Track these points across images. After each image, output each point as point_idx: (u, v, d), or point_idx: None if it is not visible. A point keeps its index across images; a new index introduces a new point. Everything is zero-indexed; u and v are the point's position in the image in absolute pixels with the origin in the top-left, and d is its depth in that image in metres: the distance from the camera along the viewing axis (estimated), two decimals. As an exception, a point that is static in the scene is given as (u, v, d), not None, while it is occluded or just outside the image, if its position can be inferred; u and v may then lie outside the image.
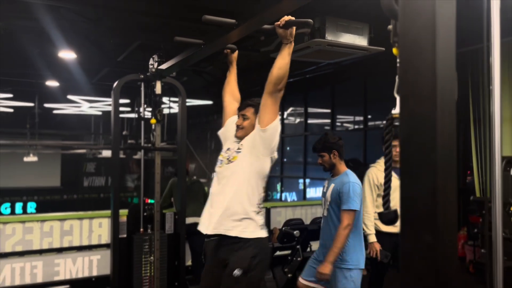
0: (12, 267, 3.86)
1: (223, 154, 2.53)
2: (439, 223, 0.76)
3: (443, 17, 0.78)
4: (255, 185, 2.37)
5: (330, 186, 3.08)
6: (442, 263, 0.76)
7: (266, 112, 2.25)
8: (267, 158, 2.37)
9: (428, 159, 0.78)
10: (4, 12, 4.27)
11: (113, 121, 3.39)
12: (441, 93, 0.77)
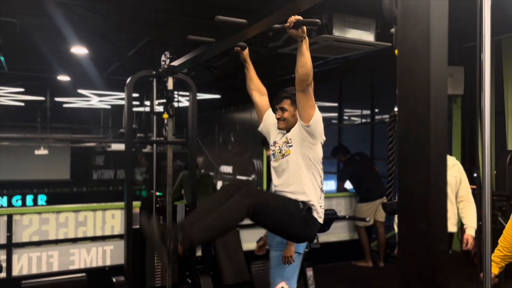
0: (29, 256, 4.01)
1: (272, 148, 2.63)
2: (431, 211, 0.86)
3: (437, 27, 0.87)
4: (315, 171, 2.50)
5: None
6: (434, 247, 0.86)
7: (304, 108, 2.35)
8: (318, 144, 2.49)
9: (422, 153, 0.87)
10: (18, 10, 4.39)
11: (126, 116, 3.50)
12: (434, 95, 0.87)
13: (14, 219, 3.94)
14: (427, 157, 0.86)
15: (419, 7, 0.88)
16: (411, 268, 0.89)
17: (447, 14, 0.89)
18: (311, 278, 3.89)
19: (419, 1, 0.88)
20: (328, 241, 5.44)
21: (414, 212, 0.89)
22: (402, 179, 0.93)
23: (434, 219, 0.86)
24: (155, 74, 3.51)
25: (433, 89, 0.86)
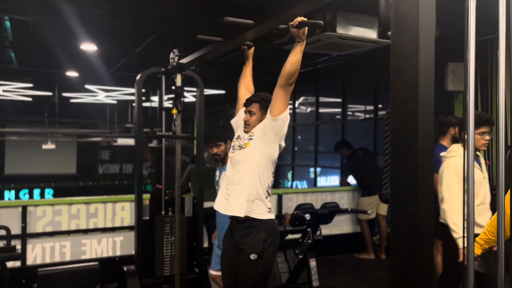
0: (43, 246, 4.17)
1: (234, 141, 2.76)
2: (418, 196, 0.98)
3: (424, 35, 0.99)
4: (265, 169, 2.60)
5: (222, 173, 3.24)
6: (420, 227, 0.99)
7: (277, 103, 2.46)
8: (276, 145, 2.60)
9: (411, 146, 1.00)
10: (31, 8, 4.52)
11: (136, 112, 3.63)
12: (422, 95, 0.99)
13: (28, 210, 4.10)
14: (415, 150, 0.99)
15: (409, 17, 1.00)
16: (401, 245, 1.02)
17: (434, 24, 1.01)
18: (314, 268, 4.02)
19: (409, 12, 1.00)
20: (331, 233, 5.57)
21: (403, 197, 1.02)
22: (394, 169, 1.05)
23: (420, 203, 0.99)
24: (163, 71, 3.63)
25: (421, 90, 0.99)
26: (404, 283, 0.99)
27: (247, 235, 2.60)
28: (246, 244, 2.58)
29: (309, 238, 3.97)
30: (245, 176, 2.59)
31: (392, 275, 1.02)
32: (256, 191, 2.57)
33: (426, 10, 0.98)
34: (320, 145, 9.73)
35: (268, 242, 2.59)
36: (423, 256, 0.98)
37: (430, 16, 1.00)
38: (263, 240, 2.57)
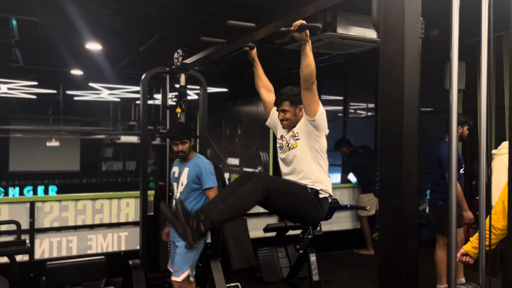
0: (50, 241, 4.29)
1: (280, 141, 2.81)
2: (404, 190, 1.09)
3: (410, 45, 1.09)
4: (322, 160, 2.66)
5: (184, 170, 3.35)
6: (405, 218, 1.09)
7: (310, 104, 2.54)
8: (323, 138, 2.68)
9: (397, 145, 1.10)
10: (38, 8, 4.63)
11: (141, 110, 3.73)
12: (407, 99, 1.09)
13: (36, 206, 4.22)
14: (400, 148, 1.09)
15: (396, 29, 1.10)
16: (388, 235, 1.12)
17: (419, 36, 1.11)
18: (314, 263, 4.13)
19: (396, 25, 1.10)
20: (332, 230, 5.68)
21: (390, 191, 1.12)
22: (382, 165, 1.15)
23: (406, 197, 1.09)
24: (168, 71, 3.73)
25: (406, 94, 1.09)
26: (390, 266, 1.09)
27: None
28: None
29: (309, 234, 4.07)
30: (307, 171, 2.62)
31: (380, 260, 1.12)
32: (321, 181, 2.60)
33: (411, 23, 1.08)
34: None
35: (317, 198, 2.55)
36: (407, 243, 1.08)
37: (415, 29, 1.10)
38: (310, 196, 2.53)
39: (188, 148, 3.35)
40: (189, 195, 3.34)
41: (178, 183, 3.39)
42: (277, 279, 4.52)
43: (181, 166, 3.42)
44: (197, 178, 3.33)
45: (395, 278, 1.10)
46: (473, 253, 2.52)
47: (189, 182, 3.34)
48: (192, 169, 3.34)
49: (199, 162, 3.37)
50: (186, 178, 3.34)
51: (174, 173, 3.46)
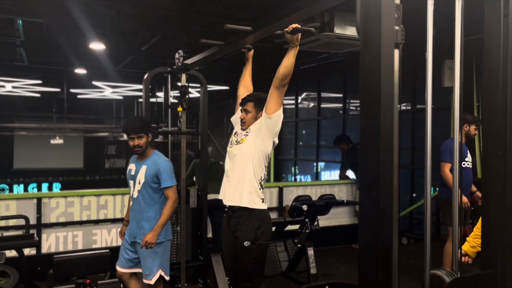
0: (56, 235, 4.43)
1: (232, 137, 3.00)
2: (381, 183, 1.20)
3: (386, 51, 1.21)
4: (259, 163, 2.82)
5: (141, 168, 3.22)
6: (382, 209, 1.21)
7: (272, 103, 2.68)
8: (270, 141, 2.81)
9: (375, 141, 1.22)
10: (43, 10, 4.75)
11: (144, 108, 3.85)
12: (384, 102, 1.20)
13: (43, 202, 4.35)
14: (378, 144, 1.21)
15: (373, 37, 1.22)
16: (367, 225, 1.24)
17: (396, 41, 1.23)
18: (311, 257, 4.25)
19: (373, 33, 1.22)
20: (330, 225, 5.80)
21: (369, 184, 1.24)
22: (362, 161, 1.27)
23: (382, 189, 1.20)
24: (169, 71, 3.84)
25: (382, 97, 1.20)
26: (368, 253, 1.21)
27: (241, 224, 2.82)
28: (240, 232, 2.81)
29: (307, 228, 4.20)
30: (242, 169, 2.81)
31: (360, 248, 1.24)
32: (251, 183, 2.79)
33: (386, 31, 1.20)
34: (322, 139, 9.93)
35: (260, 230, 2.80)
36: (384, 232, 1.20)
37: (390, 36, 1.21)
38: (255, 228, 2.78)
39: (145, 143, 3.21)
40: (146, 196, 3.22)
41: (135, 181, 3.25)
42: (276, 273, 4.63)
43: (138, 163, 3.29)
44: (155, 177, 3.20)
45: (372, 264, 1.22)
46: (472, 253, 2.61)
47: (147, 181, 3.20)
48: (150, 168, 3.21)
49: (158, 160, 3.23)
50: (144, 177, 3.20)
51: (131, 170, 3.32)
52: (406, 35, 1.29)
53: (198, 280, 4.13)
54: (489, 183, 1.41)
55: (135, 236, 3.23)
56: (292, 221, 4.47)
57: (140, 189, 3.22)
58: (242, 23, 2.70)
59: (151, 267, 3.20)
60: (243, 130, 2.90)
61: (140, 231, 3.19)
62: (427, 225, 1.37)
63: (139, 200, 3.22)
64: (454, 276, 1.27)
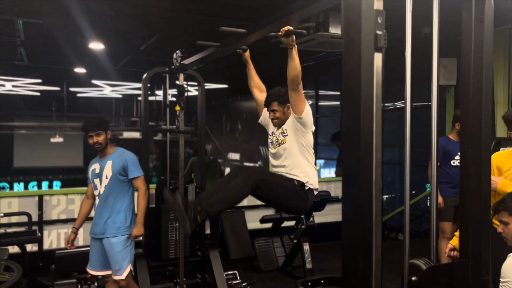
0: (58, 232, 4.53)
1: (271, 137, 3.03)
2: (361, 180, 1.30)
3: (366, 56, 1.30)
4: (308, 154, 2.87)
5: (106, 164, 3.32)
6: (362, 203, 1.30)
7: (296, 104, 2.75)
8: (309, 133, 2.88)
9: (356, 140, 1.31)
10: (44, 10, 4.83)
11: (143, 107, 3.95)
12: (364, 103, 1.30)
13: (44, 199, 4.45)
14: (358, 144, 1.30)
15: (355, 42, 1.31)
16: (349, 218, 1.34)
17: (377, 46, 1.32)
18: (307, 252, 4.35)
19: (355, 38, 1.31)
20: (326, 221, 5.89)
21: (350, 180, 1.33)
22: (344, 158, 1.37)
23: (362, 185, 1.30)
24: (167, 71, 3.93)
25: (363, 99, 1.30)
26: (350, 244, 1.31)
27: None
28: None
29: (302, 224, 4.30)
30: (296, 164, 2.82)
31: (342, 239, 1.33)
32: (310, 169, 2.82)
33: (366, 38, 1.29)
34: (320, 137, 10.02)
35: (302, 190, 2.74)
36: (364, 223, 1.30)
37: (370, 42, 1.30)
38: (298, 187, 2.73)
39: (104, 140, 3.32)
40: (115, 189, 3.32)
41: (101, 178, 3.34)
42: (273, 268, 4.74)
43: (101, 161, 3.39)
44: (122, 170, 3.32)
45: (354, 253, 1.32)
46: None
47: (114, 174, 3.30)
48: (117, 161, 3.31)
49: (123, 153, 3.38)
50: (111, 170, 3.30)
51: (94, 170, 3.40)
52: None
53: (197, 276, 4.23)
54: (466, 180, 1.51)
55: (104, 232, 3.31)
56: (288, 217, 4.58)
57: (107, 184, 3.31)
58: (240, 23, 2.79)
59: (121, 262, 3.29)
60: (278, 128, 2.95)
61: (112, 225, 3.29)
62: (406, 220, 1.47)
63: (106, 195, 3.32)
64: (431, 264, 1.37)
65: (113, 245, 3.28)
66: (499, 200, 2.15)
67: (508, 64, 5.71)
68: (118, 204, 3.33)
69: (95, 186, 3.39)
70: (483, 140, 1.45)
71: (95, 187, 3.40)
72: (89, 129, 3.28)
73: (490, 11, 1.49)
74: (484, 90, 1.45)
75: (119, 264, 3.29)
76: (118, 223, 3.28)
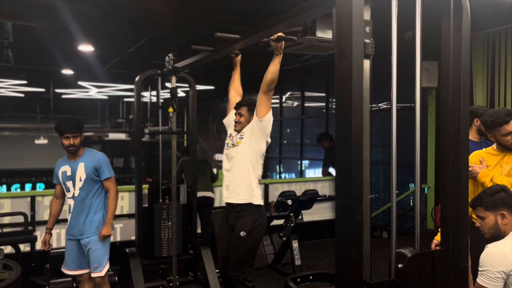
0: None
1: (228, 139, 3.23)
2: (352, 173, 1.43)
3: (356, 64, 1.44)
4: (256, 162, 3.08)
5: (78, 166, 3.32)
6: (354, 196, 1.44)
7: (262, 107, 2.92)
8: (263, 141, 3.08)
9: (347, 139, 1.44)
10: (34, 13, 4.88)
11: (136, 110, 4.03)
12: (354, 105, 1.43)
13: (37, 200, 4.49)
14: (350, 142, 1.43)
15: (346, 51, 1.44)
16: (341, 208, 1.47)
17: (363, 56, 1.46)
18: (296, 249, 4.49)
19: (346, 47, 1.45)
20: (314, 220, 6.04)
21: (343, 174, 1.47)
22: (337, 157, 1.50)
23: (353, 178, 1.43)
24: (160, 73, 4.02)
25: (353, 102, 1.43)
26: (343, 234, 1.44)
27: (240, 217, 3.05)
28: (238, 224, 3.05)
29: (291, 222, 4.44)
30: (241, 169, 3.06)
31: (336, 229, 1.47)
32: (250, 181, 3.04)
33: (357, 48, 1.43)
34: (306, 138, 10.19)
35: (256, 222, 3.05)
36: (355, 215, 1.43)
37: (360, 51, 1.44)
38: (252, 221, 3.03)
39: (79, 143, 3.31)
40: (90, 189, 3.34)
41: (74, 180, 3.33)
42: (262, 265, 4.86)
43: (72, 163, 3.36)
44: (95, 171, 3.32)
45: (346, 243, 1.45)
46: None
47: (88, 176, 3.30)
48: (89, 162, 3.31)
49: (95, 155, 3.39)
50: (84, 172, 3.30)
51: (65, 172, 3.36)
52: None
53: (189, 273, 4.32)
54: (446, 175, 1.65)
55: (83, 233, 3.35)
56: (277, 215, 4.70)
57: (82, 186, 3.32)
58: (230, 26, 2.92)
59: (101, 259, 3.35)
60: (237, 132, 3.13)
61: (90, 225, 3.33)
62: (393, 215, 1.61)
63: (82, 196, 3.34)
64: (415, 252, 1.51)
65: (93, 243, 3.33)
66: (476, 196, 2.31)
67: (487, 67, 5.93)
68: (94, 204, 3.37)
69: (67, 188, 3.37)
70: (462, 139, 1.60)
71: (67, 189, 3.39)
72: (67, 130, 3.25)
73: (467, 21, 1.64)
74: (462, 93, 1.60)
75: (99, 261, 3.35)
76: (97, 222, 3.34)
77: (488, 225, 2.19)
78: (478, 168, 2.81)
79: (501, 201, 2.16)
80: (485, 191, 2.27)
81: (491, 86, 5.88)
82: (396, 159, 1.60)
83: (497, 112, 2.76)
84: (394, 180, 1.62)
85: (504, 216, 2.15)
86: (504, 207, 2.15)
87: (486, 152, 2.96)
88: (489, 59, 5.90)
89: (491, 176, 2.75)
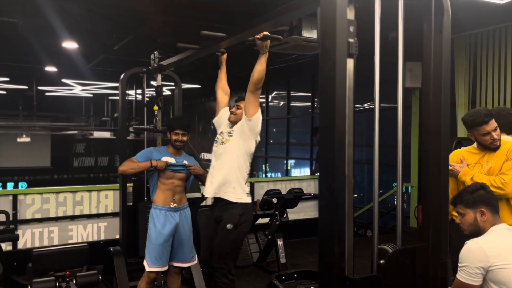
0: (32, 231, 4.51)
1: (218, 136, 3.23)
2: (335, 171, 1.45)
3: (340, 63, 1.46)
4: (243, 161, 3.08)
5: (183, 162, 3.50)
6: (337, 193, 1.45)
7: (250, 106, 2.93)
8: (252, 140, 3.08)
9: (331, 138, 1.46)
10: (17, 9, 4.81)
11: (120, 108, 4.01)
12: (337, 104, 1.45)
13: (19, 198, 4.43)
14: (332, 140, 1.45)
15: (330, 51, 1.46)
16: (324, 205, 1.49)
17: (349, 52, 1.48)
18: (281, 247, 4.51)
19: (329, 48, 1.46)
20: (299, 218, 6.08)
21: (325, 172, 1.49)
22: (320, 154, 1.52)
23: (336, 176, 1.45)
24: (145, 71, 4.00)
25: (337, 100, 1.45)
26: (326, 231, 1.46)
27: (226, 210, 3.06)
28: (225, 217, 3.04)
29: (276, 220, 4.46)
30: (228, 166, 3.05)
31: (319, 226, 1.49)
32: (237, 179, 3.04)
33: (340, 47, 1.44)
34: (292, 137, 10.25)
35: (243, 217, 3.04)
36: (338, 213, 1.45)
37: (343, 50, 1.46)
38: (239, 214, 3.03)
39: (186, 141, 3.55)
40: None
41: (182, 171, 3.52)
42: (247, 263, 4.87)
43: (177, 158, 3.55)
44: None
45: (329, 239, 1.47)
46: None
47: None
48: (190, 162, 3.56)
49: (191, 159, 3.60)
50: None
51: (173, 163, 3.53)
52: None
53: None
54: (425, 174, 1.69)
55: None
56: (263, 214, 4.72)
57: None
58: (215, 25, 2.93)
59: (191, 249, 3.52)
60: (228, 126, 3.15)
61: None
62: (375, 212, 1.64)
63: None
64: (397, 248, 1.54)
65: (185, 234, 3.47)
66: (456, 194, 2.36)
67: (469, 68, 6.04)
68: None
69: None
70: (442, 138, 1.63)
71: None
72: (181, 127, 3.40)
73: (448, 22, 1.68)
74: (443, 93, 1.63)
75: (192, 252, 3.54)
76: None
77: (467, 222, 2.25)
78: (458, 167, 2.87)
79: (480, 199, 2.22)
80: (465, 189, 2.32)
81: (473, 87, 5.99)
82: (379, 158, 1.63)
83: (477, 112, 2.81)
84: (377, 179, 1.64)
85: (483, 213, 2.20)
86: (483, 204, 2.21)
87: (467, 150, 3.03)
88: (471, 60, 6.00)
89: (471, 175, 2.81)
